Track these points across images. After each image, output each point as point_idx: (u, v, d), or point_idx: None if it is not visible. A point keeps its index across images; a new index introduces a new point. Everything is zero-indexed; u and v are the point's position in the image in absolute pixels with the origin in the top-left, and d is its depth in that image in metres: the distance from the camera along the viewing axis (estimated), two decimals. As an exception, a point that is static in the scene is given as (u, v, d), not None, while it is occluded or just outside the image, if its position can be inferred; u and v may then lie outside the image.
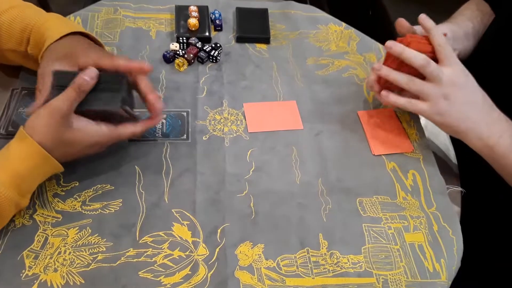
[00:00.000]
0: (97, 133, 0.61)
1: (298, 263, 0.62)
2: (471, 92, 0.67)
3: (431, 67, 0.66)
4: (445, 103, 0.66)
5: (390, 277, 0.62)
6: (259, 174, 0.71)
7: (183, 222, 0.64)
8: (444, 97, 0.66)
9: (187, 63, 0.84)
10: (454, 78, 0.66)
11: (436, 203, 0.70)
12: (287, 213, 0.67)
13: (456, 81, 0.66)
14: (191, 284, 0.58)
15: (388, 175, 0.73)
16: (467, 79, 0.67)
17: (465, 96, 0.67)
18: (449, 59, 0.67)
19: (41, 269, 0.58)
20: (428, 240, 0.66)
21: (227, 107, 0.79)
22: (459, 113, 0.67)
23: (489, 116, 0.67)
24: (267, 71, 0.86)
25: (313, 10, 0.99)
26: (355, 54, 0.91)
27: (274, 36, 0.92)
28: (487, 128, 0.66)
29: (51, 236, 0.61)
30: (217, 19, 0.92)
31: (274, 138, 0.75)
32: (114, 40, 0.86)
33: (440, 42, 0.67)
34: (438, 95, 0.66)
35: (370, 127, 0.78)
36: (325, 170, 0.72)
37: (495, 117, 0.67)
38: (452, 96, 0.66)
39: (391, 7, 1.41)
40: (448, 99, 0.66)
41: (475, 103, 0.67)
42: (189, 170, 0.69)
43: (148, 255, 0.60)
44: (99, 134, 0.62)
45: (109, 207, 0.64)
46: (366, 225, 0.66)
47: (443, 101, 0.66)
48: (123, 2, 0.93)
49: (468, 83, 0.67)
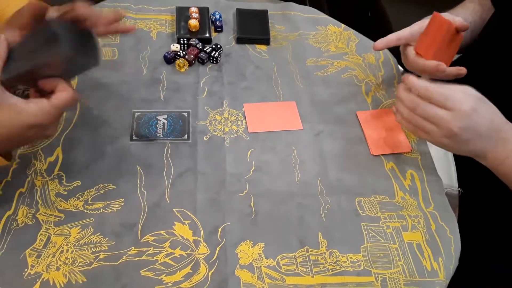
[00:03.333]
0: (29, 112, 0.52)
1: (298, 262, 0.63)
2: (475, 129, 0.62)
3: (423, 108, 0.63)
4: (448, 141, 0.64)
5: (389, 276, 0.62)
6: (259, 174, 0.71)
7: (184, 221, 0.65)
8: (447, 138, 0.63)
9: (188, 64, 0.84)
10: (454, 123, 0.61)
11: (434, 202, 0.71)
12: (287, 212, 0.67)
13: (457, 126, 0.61)
14: (192, 282, 0.59)
15: (387, 175, 0.73)
16: (470, 119, 0.61)
17: (468, 135, 0.62)
18: (448, 102, 0.62)
19: (44, 267, 0.58)
20: (426, 239, 0.66)
21: (228, 107, 0.79)
22: (462, 148, 0.65)
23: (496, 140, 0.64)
24: (267, 72, 0.86)
25: (312, 11, 1.00)
26: (354, 55, 0.92)
27: (274, 37, 0.92)
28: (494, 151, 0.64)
29: (53, 235, 0.61)
30: (217, 20, 0.92)
31: (274, 138, 0.76)
32: (115, 40, 0.87)
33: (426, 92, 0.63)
34: (440, 136, 0.64)
35: (369, 127, 0.79)
36: (324, 170, 0.73)
37: (503, 138, 0.64)
38: (453, 138, 0.63)
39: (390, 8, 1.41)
40: (450, 139, 0.63)
41: (480, 137, 0.63)
42: (190, 170, 0.70)
43: (150, 254, 0.61)
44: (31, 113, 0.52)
45: (111, 206, 0.65)
46: (365, 224, 0.67)
47: (445, 140, 0.64)
48: (124, 3, 0.94)
49: (472, 122, 0.62)
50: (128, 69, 0.82)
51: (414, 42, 0.76)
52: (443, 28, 0.71)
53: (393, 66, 0.91)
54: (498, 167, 0.65)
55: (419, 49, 0.73)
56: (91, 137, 0.72)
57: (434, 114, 0.62)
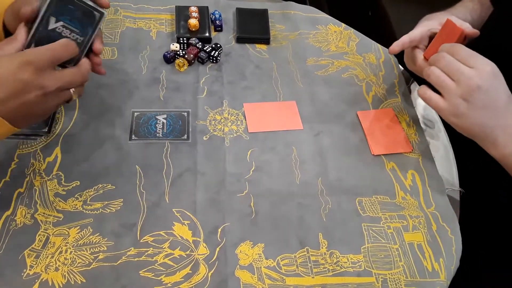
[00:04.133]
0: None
1: (298, 262, 0.62)
2: (493, 96, 0.61)
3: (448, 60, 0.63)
4: (463, 105, 0.62)
5: (389, 277, 0.62)
6: (259, 174, 0.71)
7: (183, 221, 0.64)
8: (463, 99, 0.61)
9: (188, 63, 0.84)
10: (475, 80, 0.60)
11: (435, 203, 0.70)
12: (287, 213, 0.67)
13: (477, 84, 0.60)
14: (191, 283, 0.59)
15: (388, 175, 0.73)
16: (491, 81, 0.61)
17: (486, 100, 0.61)
18: (471, 59, 0.62)
19: (42, 268, 0.58)
20: (427, 239, 0.66)
21: (227, 107, 0.79)
22: (475, 118, 0.62)
23: (510, 125, 0.62)
24: (267, 71, 0.86)
25: (312, 10, 1.00)
26: (355, 54, 0.92)
27: (274, 36, 0.92)
28: (505, 136, 0.62)
29: (52, 236, 0.61)
30: (217, 19, 0.92)
31: (274, 138, 0.76)
32: (115, 40, 0.87)
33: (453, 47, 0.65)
34: (457, 95, 0.62)
35: (370, 127, 0.79)
36: (325, 170, 0.72)
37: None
38: (471, 98, 0.61)
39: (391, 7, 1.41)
40: (467, 101, 0.61)
41: (496, 108, 0.61)
42: (189, 170, 0.70)
43: (149, 255, 0.61)
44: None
45: (110, 206, 0.65)
46: (366, 224, 0.67)
47: (461, 102, 0.61)
48: (124, 2, 0.93)
49: (492, 86, 0.61)
50: (127, 69, 0.82)
51: (422, 44, 0.76)
52: (455, 36, 0.71)
53: (393, 66, 0.90)
54: (508, 157, 0.62)
55: (428, 54, 0.73)
56: (90, 137, 0.72)
57: (457, 68, 0.62)
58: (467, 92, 0.61)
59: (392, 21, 1.34)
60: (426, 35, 0.76)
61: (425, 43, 0.77)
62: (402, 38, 0.76)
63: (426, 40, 0.77)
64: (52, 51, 0.54)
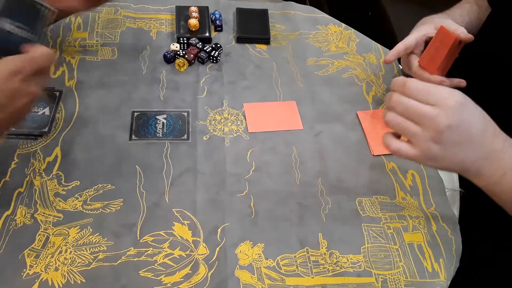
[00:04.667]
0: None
1: (298, 262, 0.62)
2: (466, 130, 0.53)
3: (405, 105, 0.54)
4: (435, 147, 0.53)
5: (389, 277, 0.62)
6: (259, 174, 0.71)
7: (183, 221, 0.64)
8: (434, 141, 0.53)
9: (188, 63, 0.84)
10: (442, 120, 0.52)
11: (435, 203, 0.70)
12: (287, 213, 0.67)
13: (445, 123, 0.52)
14: (191, 283, 0.59)
15: (388, 175, 0.73)
16: (460, 115, 0.52)
17: (459, 137, 0.53)
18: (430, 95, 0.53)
19: (42, 268, 0.58)
20: (427, 240, 0.66)
21: (227, 107, 0.79)
22: (452, 157, 0.54)
23: (491, 151, 0.54)
24: (267, 71, 0.86)
25: (312, 10, 1.00)
26: (355, 54, 0.92)
27: (274, 36, 0.92)
28: (488, 165, 0.54)
29: (52, 235, 0.61)
30: (217, 19, 0.92)
31: (274, 138, 0.76)
32: (115, 40, 0.87)
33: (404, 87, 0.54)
34: (426, 140, 0.53)
35: (370, 127, 0.79)
36: (325, 170, 0.72)
37: (498, 150, 0.54)
38: (442, 139, 0.53)
39: (391, 7, 1.41)
40: (438, 143, 0.53)
41: (471, 141, 0.54)
42: (189, 170, 0.70)
43: (149, 254, 0.61)
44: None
45: (110, 206, 0.65)
46: (366, 225, 0.67)
47: (432, 145, 0.53)
48: (124, 2, 0.93)
49: (463, 120, 0.52)
50: (127, 69, 0.82)
51: (418, 50, 0.76)
52: (448, 43, 0.71)
53: (393, 66, 0.90)
54: (494, 186, 0.56)
55: (423, 62, 0.74)
56: (90, 136, 0.72)
57: (416, 110, 0.52)
58: (436, 134, 0.52)
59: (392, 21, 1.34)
60: (422, 41, 0.76)
61: (421, 49, 0.77)
62: (397, 46, 0.76)
63: (422, 46, 0.77)
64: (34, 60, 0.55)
